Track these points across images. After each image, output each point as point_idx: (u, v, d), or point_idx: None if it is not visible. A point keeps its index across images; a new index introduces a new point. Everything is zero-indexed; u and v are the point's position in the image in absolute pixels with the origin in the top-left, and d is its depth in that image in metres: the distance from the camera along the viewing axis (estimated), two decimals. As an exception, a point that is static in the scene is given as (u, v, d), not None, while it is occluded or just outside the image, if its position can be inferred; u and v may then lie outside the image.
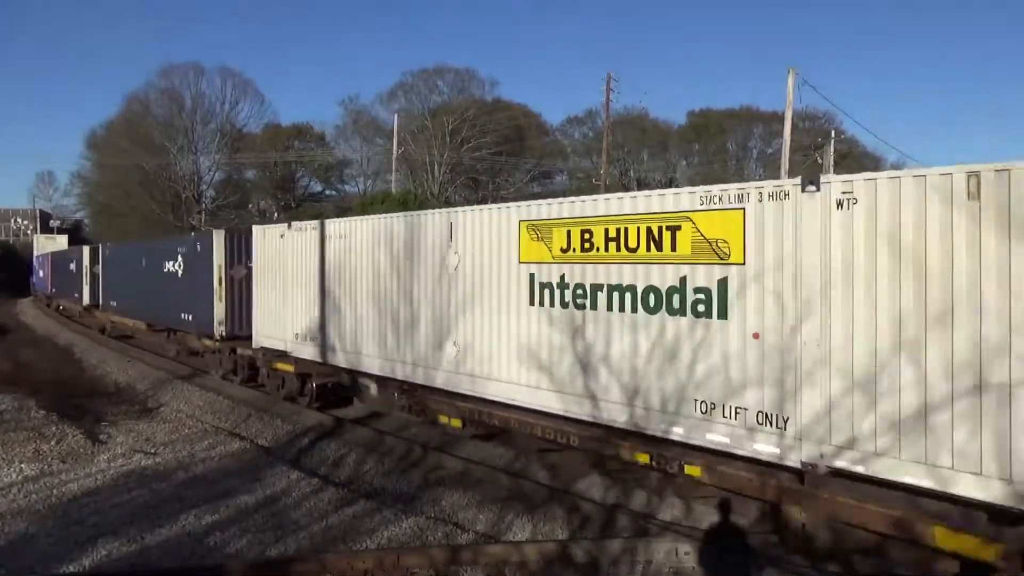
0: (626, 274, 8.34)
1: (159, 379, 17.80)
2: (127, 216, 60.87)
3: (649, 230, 8.09)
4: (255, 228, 15.82)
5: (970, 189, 5.79)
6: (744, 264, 7.29)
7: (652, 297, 8.09)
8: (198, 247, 18.05)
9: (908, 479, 6.11)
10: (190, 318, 18.65)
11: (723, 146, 76.63)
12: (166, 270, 20.33)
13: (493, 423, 10.44)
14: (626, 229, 8.31)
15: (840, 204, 6.55)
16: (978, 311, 5.74)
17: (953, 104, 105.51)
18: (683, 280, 7.80)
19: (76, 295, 32.29)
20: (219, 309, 16.71)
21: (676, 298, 7.86)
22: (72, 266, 33.50)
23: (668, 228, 7.92)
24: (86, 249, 31.21)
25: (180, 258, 19.36)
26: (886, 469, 6.24)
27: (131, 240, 37.33)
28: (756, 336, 7.13)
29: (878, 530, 6.55)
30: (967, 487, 5.78)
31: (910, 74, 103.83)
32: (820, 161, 41.19)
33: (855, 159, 63.70)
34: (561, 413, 9.14)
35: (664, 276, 8.00)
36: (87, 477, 9.68)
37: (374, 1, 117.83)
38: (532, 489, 9.18)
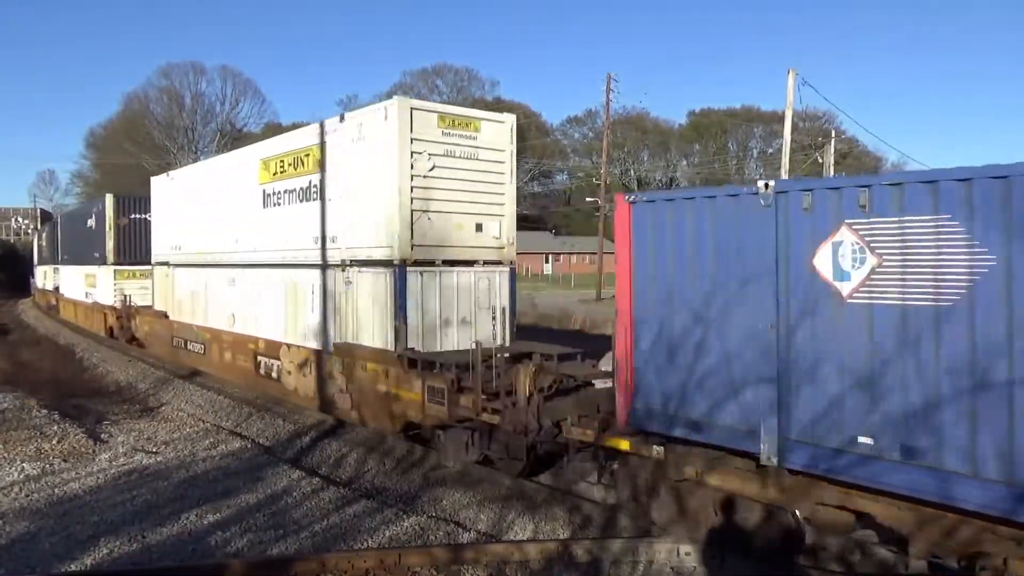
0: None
1: (160, 378, 17.79)
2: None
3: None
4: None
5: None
6: None
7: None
8: None
9: None
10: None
11: (723, 146, 76.69)
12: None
13: None
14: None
15: None
16: None
17: (953, 104, 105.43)
18: None
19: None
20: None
21: None
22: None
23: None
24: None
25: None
26: None
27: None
28: None
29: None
30: None
31: (910, 74, 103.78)
32: (820, 161, 41.19)
33: (855, 158, 63.75)
34: None
35: None
36: (88, 476, 9.68)
37: (374, 1, 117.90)
38: (533, 489, 9.19)
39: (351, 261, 11.39)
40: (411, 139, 10.40)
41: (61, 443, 11.19)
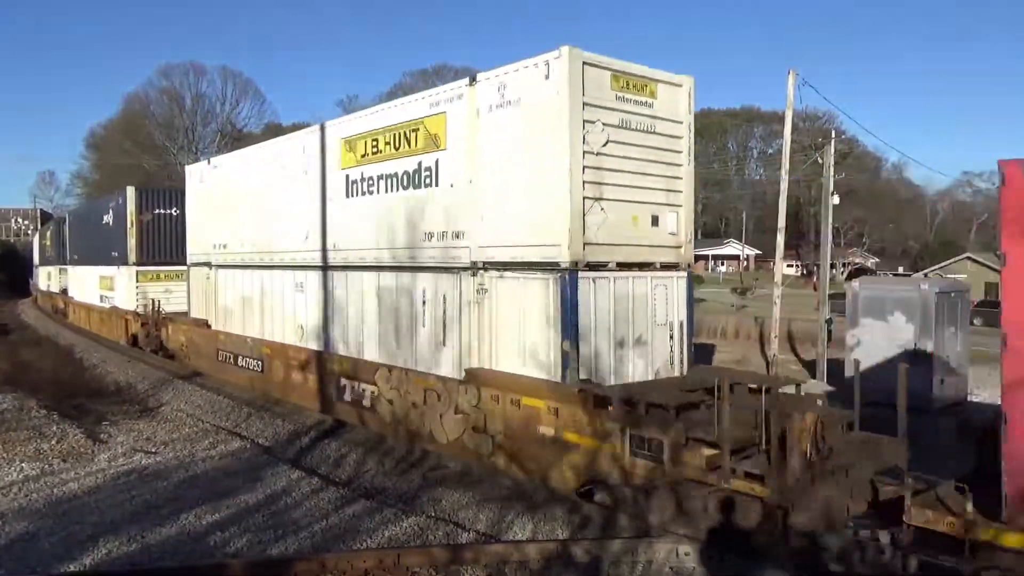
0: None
1: (160, 378, 17.77)
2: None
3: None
4: None
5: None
6: None
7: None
8: None
9: None
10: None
11: (723, 146, 76.68)
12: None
13: None
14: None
15: None
16: None
17: (953, 104, 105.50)
18: None
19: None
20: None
21: None
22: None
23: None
24: None
25: None
26: None
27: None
28: None
29: None
30: None
31: (910, 75, 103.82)
32: (820, 161, 41.19)
33: (855, 158, 63.76)
34: None
35: None
36: (88, 476, 9.68)
37: (374, 1, 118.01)
38: (532, 489, 9.18)
39: (485, 263, 9.20)
40: (583, 104, 8.06)
41: (60, 443, 11.18)
